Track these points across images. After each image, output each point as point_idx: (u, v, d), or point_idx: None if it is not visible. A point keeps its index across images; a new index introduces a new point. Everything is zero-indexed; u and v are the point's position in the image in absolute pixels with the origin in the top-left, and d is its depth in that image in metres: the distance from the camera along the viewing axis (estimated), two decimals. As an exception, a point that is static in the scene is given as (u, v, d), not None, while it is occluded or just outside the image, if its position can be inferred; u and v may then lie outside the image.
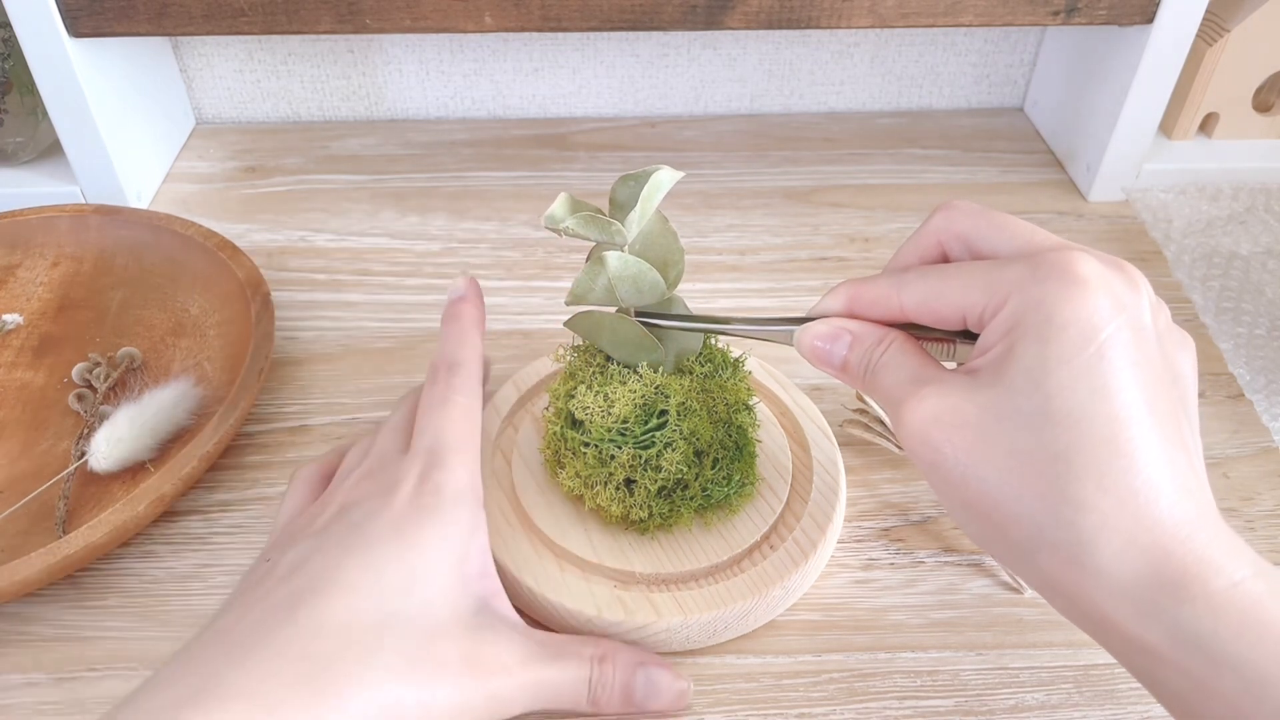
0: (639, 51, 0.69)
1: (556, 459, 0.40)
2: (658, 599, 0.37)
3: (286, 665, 0.29)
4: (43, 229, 0.56)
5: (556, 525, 0.40)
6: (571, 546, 0.39)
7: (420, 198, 0.63)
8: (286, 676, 0.29)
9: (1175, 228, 0.60)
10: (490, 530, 0.37)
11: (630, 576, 0.38)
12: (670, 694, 0.36)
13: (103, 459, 0.43)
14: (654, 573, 0.38)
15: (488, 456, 0.43)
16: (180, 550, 0.42)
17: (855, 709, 0.37)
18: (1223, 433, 0.48)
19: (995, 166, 0.67)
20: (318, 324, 0.54)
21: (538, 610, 0.38)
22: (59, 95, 0.55)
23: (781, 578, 0.38)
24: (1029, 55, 0.71)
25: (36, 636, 0.39)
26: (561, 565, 0.39)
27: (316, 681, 0.29)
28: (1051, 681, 0.38)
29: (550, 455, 0.41)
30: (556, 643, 0.35)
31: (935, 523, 0.43)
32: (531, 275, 0.57)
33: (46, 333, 0.51)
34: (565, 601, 0.37)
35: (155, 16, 0.54)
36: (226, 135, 0.69)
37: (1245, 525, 0.44)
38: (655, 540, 0.39)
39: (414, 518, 0.34)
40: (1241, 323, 0.53)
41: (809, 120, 0.71)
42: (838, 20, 0.56)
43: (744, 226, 0.61)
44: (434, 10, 0.54)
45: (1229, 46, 0.60)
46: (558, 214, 0.35)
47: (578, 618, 0.37)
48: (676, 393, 0.37)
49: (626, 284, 0.36)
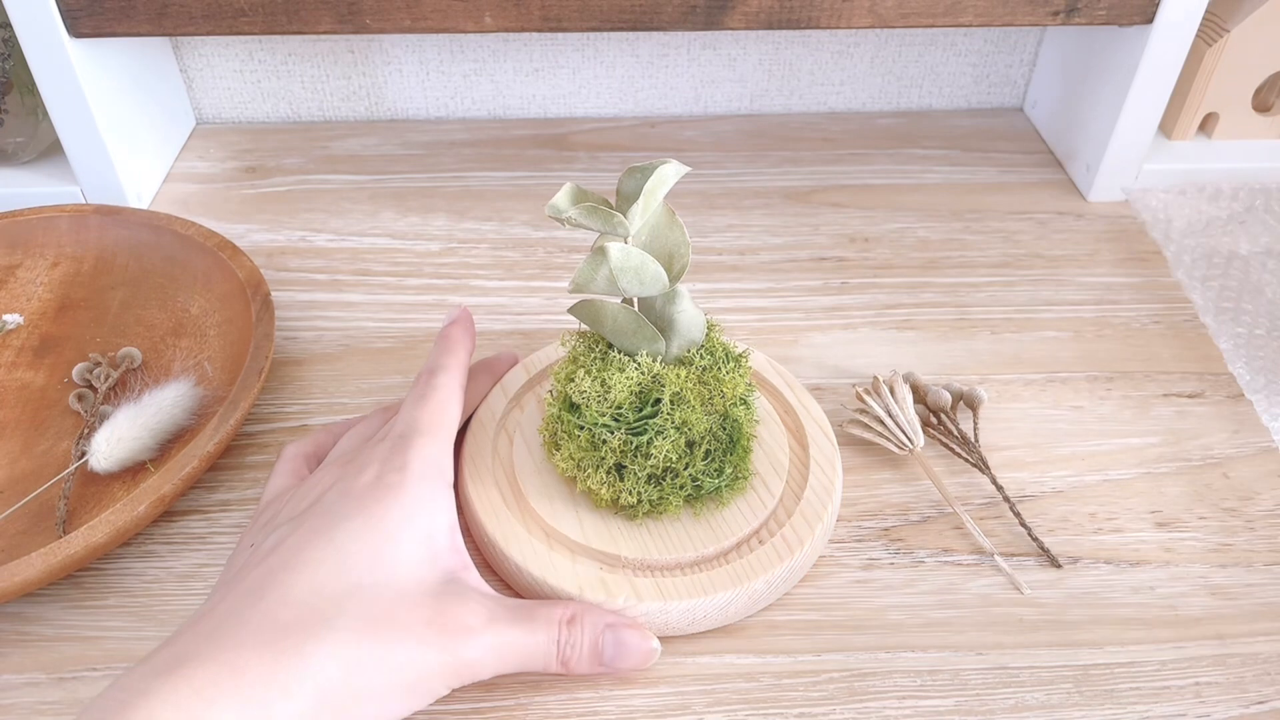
0: (639, 51, 0.69)
1: (554, 440, 0.41)
2: (640, 583, 0.38)
3: (252, 634, 0.31)
4: (43, 229, 0.56)
5: (549, 505, 0.41)
6: (562, 527, 0.40)
7: (420, 198, 0.63)
8: (252, 643, 0.31)
9: (1175, 228, 0.60)
10: (484, 505, 0.39)
11: (616, 560, 0.39)
12: (639, 653, 0.36)
13: (103, 459, 0.43)
14: (640, 558, 0.39)
15: (490, 435, 0.43)
16: (180, 550, 0.42)
17: (855, 709, 0.37)
18: (1223, 433, 0.48)
19: (995, 167, 0.67)
20: (318, 324, 0.54)
21: (522, 586, 0.39)
22: (59, 95, 0.55)
23: (764, 571, 0.38)
24: (1029, 55, 0.71)
25: (37, 636, 0.39)
26: (550, 544, 0.39)
27: (280, 644, 0.31)
28: (1051, 681, 0.38)
29: (548, 437, 0.41)
30: (524, 606, 0.36)
31: (935, 523, 0.43)
32: (531, 275, 0.57)
33: (47, 333, 0.51)
34: (549, 579, 0.38)
35: (155, 16, 0.54)
36: (227, 135, 0.69)
37: (1245, 525, 0.44)
38: (644, 527, 0.40)
39: (378, 495, 0.35)
40: (1241, 323, 0.53)
41: (809, 120, 0.71)
42: (837, 20, 0.56)
43: (744, 226, 0.61)
44: (434, 10, 0.54)
45: (1229, 46, 0.60)
46: (561, 204, 0.35)
47: (559, 595, 0.38)
48: (672, 383, 0.38)
49: (629, 275, 0.36)
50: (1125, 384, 0.50)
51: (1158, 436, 0.48)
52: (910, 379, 0.49)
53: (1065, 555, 0.42)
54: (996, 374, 0.51)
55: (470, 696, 0.37)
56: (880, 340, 0.53)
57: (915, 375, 0.49)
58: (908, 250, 0.59)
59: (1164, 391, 0.50)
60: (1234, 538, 0.43)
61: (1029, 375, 0.51)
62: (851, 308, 0.55)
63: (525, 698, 0.37)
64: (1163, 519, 0.44)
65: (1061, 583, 0.41)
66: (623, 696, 0.37)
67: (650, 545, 0.39)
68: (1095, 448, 0.47)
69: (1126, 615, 0.40)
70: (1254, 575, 0.42)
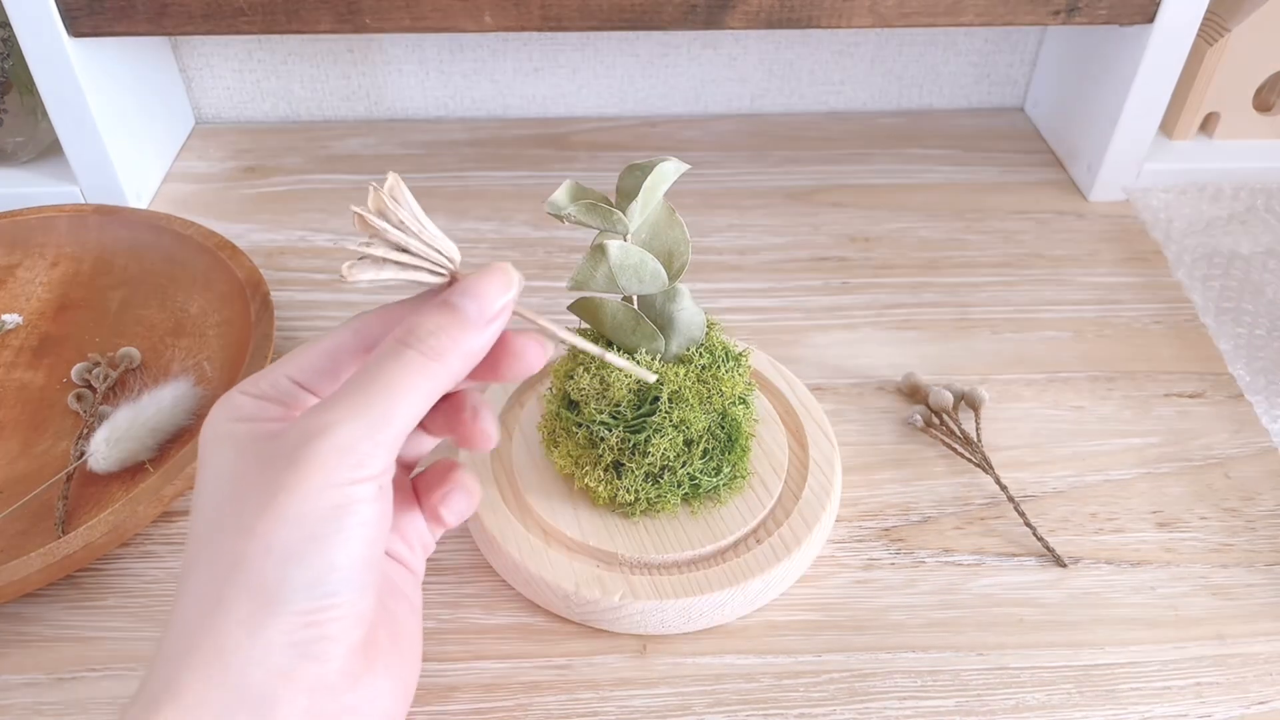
0: (639, 51, 0.69)
1: (552, 438, 0.41)
2: (636, 581, 0.38)
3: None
4: (42, 229, 0.56)
5: (547, 502, 0.41)
6: (559, 524, 0.40)
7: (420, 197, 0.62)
8: None
9: (1176, 227, 0.60)
10: (484, 501, 0.40)
11: (613, 558, 0.39)
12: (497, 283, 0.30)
13: (102, 459, 0.43)
14: (636, 557, 0.39)
15: None
16: (179, 550, 0.42)
17: (855, 709, 0.37)
18: (1224, 432, 0.48)
19: (996, 166, 0.67)
20: (317, 324, 0.54)
21: (519, 582, 0.39)
22: (58, 95, 0.55)
23: (761, 571, 0.38)
24: (1029, 55, 0.71)
25: (36, 637, 0.39)
26: (548, 541, 0.40)
27: None
28: (1052, 682, 0.38)
29: (547, 434, 0.41)
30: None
31: (935, 523, 0.43)
32: (531, 275, 0.57)
33: (46, 333, 0.51)
34: (546, 575, 0.38)
35: (155, 16, 0.54)
36: (226, 135, 0.69)
37: (1246, 525, 0.43)
38: (641, 525, 0.40)
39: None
40: (1242, 323, 0.53)
41: (809, 120, 0.71)
42: (838, 20, 0.56)
43: (744, 226, 0.61)
44: (434, 10, 0.54)
45: (1230, 46, 0.60)
46: (560, 201, 0.35)
47: (555, 591, 0.38)
48: (670, 381, 0.38)
49: (628, 273, 0.36)
50: (1126, 384, 0.50)
51: (1159, 436, 0.48)
52: (911, 379, 0.49)
53: (1067, 555, 0.42)
54: (997, 374, 0.51)
55: (470, 697, 0.37)
56: (881, 340, 0.53)
57: (916, 375, 0.49)
58: (908, 250, 0.59)
59: (1165, 391, 0.50)
60: (1235, 538, 0.43)
61: (1030, 375, 0.51)
62: (852, 308, 0.55)
63: (525, 698, 0.37)
64: (1164, 519, 0.44)
65: (1063, 583, 0.41)
66: (622, 697, 0.37)
67: (647, 543, 0.39)
68: (1096, 448, 0.47)
69: (1127, 615, 0.40)
70: (1255, 575, 0.42)
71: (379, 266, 0.29)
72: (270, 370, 0.31)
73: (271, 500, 0.26)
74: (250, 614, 0.26)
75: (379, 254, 0.29)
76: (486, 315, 0.29)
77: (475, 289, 0.29)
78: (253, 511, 0.26)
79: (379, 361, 0.28)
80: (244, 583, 0.26)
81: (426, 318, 0.29)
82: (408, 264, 0.30)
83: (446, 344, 0.29)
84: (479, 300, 0.29)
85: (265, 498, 0.26)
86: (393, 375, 0.28)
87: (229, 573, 0.26)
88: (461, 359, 0.29)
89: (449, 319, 0.29)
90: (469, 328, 0.29)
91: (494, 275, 0.30)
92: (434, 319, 0.29)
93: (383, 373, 0.28)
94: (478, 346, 0.29)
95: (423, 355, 0.28)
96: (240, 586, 0.26)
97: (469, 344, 0.29)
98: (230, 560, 0.26)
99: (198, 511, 0.28)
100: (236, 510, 0.27)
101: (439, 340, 0.29)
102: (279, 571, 0.26)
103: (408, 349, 0.28)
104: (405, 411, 0.28)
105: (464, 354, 0.29)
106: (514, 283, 0.30)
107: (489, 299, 0.30)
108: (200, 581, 0.27)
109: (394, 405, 0.28)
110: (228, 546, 0.27)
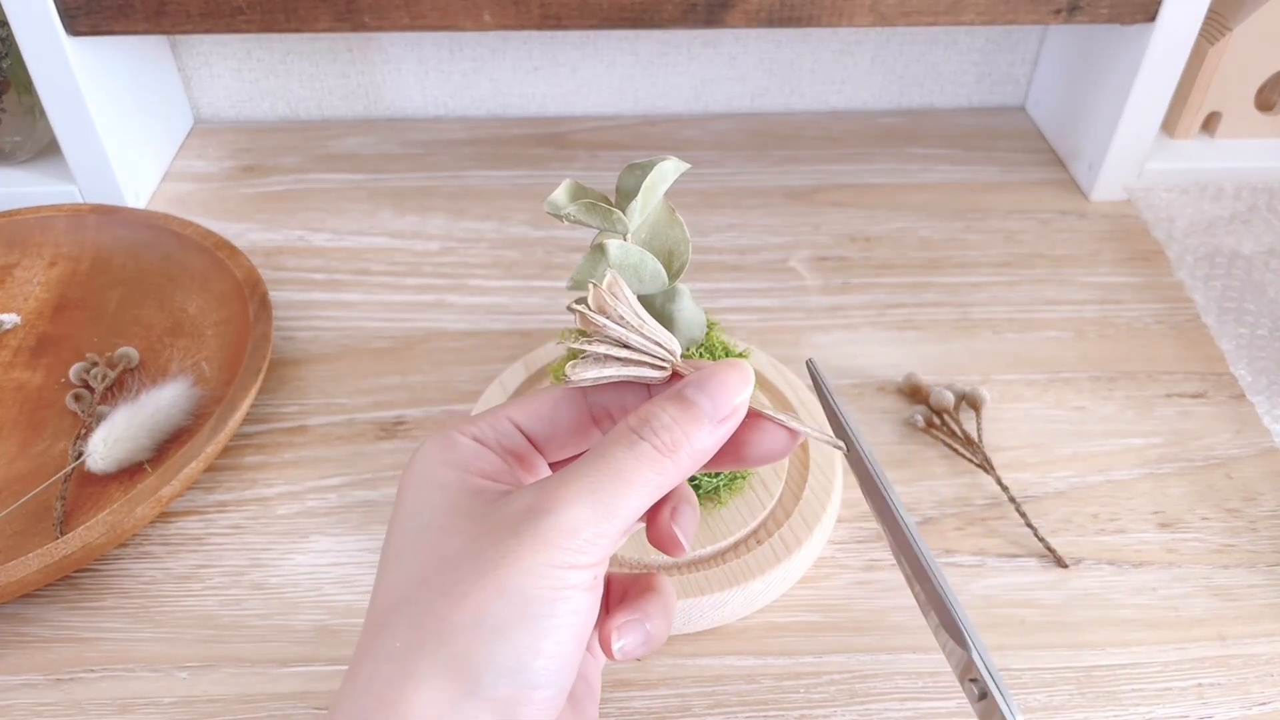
0: (639, 50, 0.69)
1: None
2: None
3: None
4: (40, 228, 0.56)
5: None
6: None
7: (419, 197, 0.63)
8: None
9: (1177, 227, 0.60)
10: None
11: (613, 559, 0.39)
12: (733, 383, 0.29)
13: (100, 459, 0.42)
14: (636, 558, 0.39)
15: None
16: (178, 551, 0.42)
17: (856, 710, 0.37)
18: (1225, 433, 0.48)
19: (996, 165, 0.66)
20: (316, 324, 0.53)
21: None
22: (57, 94, 0.55)
23: (761, 572, 0.38)
24: (1031, 54, 0.70)
25: (34, 637, 0.39)
26: None
27: None
28: (1054, 683, 0.37)
29: None
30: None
31: (936, 523, 0.43)
32: (531, 275, 0.57)
33: (44, 333, 0.51)
34: None
35: (153, 15, 0.54)
36: (224, 134, 0.69)
37: (1247, 526, 0.43)
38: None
39: None
40: (1244, 323, 0.53)
41: (810, 119, 0.71)
42: (839, 19, 0.55)
43: (744, 226, 0.61)
44: (433, 9, 0.54)
45: (1231, 45, 0.60)
46: (559, 200, 0.35)
47: None
48: None
49: (628, 272, 0.36)
50: (1128, 384, 0.50)
51: (1160, 437, 0.47)
52: (912, 379, 0.49)
53: (1068, 556, 0.42)
54: (998, 374, 0.51)
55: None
56: (881, 340, 0.52)
57: (917, 375, 0.49)
58: (909, 250, 0.59)
59: (1166, 392, 0.50)
60: (1236, 538, 0.43)
61: (1031, 375, 0.51)
62: (853, 307, 0.55)
63: (524, 700, 0.37)
64: (1165, 520, 0.44)
65: (1064, 584, 0.41)
66: (622, 698, 0.37)
67: (646, 545, 0.39)
68: (1098, 448, 0.47)
69: (1129, 616, 0.40)
70: (1256, 576, 0.41)
71: (601, 364, 0.29)
72: (493, 412, 0.30)
73: (491, 569, 0.25)
74: (446, 693, 0.24)
75: (601, 351, 0.29)
76: (721, 412, 0.28)
77: (711, 385, 0.28)
78: (466, 578, 0.25)
79: (611, 448, 0.27)
80: (446, 656, 0.24)
81: (661, 409, 0.28)
82: (629, 360, 0.29)
83: (680, 439, 0.27)
84: (714, 398, 0.28)
85: (484, 565, 0.25)
86: (624, 464, 0.27)
87: (430, 642, 0.25)
88: (691, 457, 0.28)
89: (684, 413, 0.28)
90: (703, 423, 0.28)
91: (730, 371, 0.28)
92: (669, 411, 0.28)
93: (615, 460, 0.27)
94: (710, 444, 0.28)
95: (655, 449, 0.27)
96: (441, 661, 0.24)
97: (701, 441, 0.28)
98: (434, 626, 0.25)
99: (395, 556, 0.27)
100: (446, 571, 0.25)
101: (672, 435, 0.27)
102: (486, 648, 0.24)
103: (641, 440, 0.27)
104: (632, 503, 0.27)
105: (694, 451, 0.28)
106: (750, 380, 0.29)
107: (725, 396, 0.28)
108: (397, 642, 0.25)
109: (622, 495, 0.26)
110: (433, 610, 0.25)
